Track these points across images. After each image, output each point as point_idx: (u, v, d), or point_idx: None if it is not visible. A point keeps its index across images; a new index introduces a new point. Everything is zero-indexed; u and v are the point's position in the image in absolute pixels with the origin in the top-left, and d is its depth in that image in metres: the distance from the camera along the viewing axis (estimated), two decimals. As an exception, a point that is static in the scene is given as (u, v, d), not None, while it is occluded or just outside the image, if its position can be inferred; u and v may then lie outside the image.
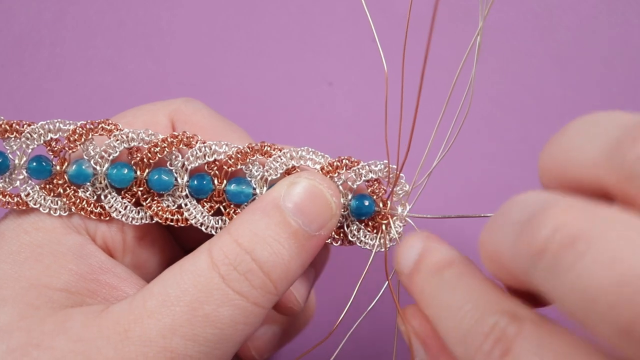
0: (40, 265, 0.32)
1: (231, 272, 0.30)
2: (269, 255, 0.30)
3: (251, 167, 0.34)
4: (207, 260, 0.30)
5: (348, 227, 0.34)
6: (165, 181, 0.34)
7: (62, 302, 0.31)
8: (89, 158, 0.33)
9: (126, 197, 0.34)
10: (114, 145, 0.33)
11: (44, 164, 0.33)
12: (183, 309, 0.29)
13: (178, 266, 0.31)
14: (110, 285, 0.33)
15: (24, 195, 0.33)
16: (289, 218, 0.31)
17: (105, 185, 0.34)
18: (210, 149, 0.34)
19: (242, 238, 0.31)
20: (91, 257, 0.33)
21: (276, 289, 0.31)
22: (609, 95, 0.58)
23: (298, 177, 0.32)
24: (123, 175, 0.33)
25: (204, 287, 0.30)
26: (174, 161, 0.34)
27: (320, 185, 0.32)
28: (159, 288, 0.30)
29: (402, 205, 0.35)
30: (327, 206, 0.32)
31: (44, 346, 0.29)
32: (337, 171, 0.34)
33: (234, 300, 0.30)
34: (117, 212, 0.34)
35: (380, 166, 0.34)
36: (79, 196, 0.33)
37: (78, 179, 0.33)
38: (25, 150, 0.33)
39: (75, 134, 0.33)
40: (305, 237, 0.31)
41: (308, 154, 0.34)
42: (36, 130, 0.33)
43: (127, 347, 0.29)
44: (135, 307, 0.30)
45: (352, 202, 0.34)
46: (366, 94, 0.59)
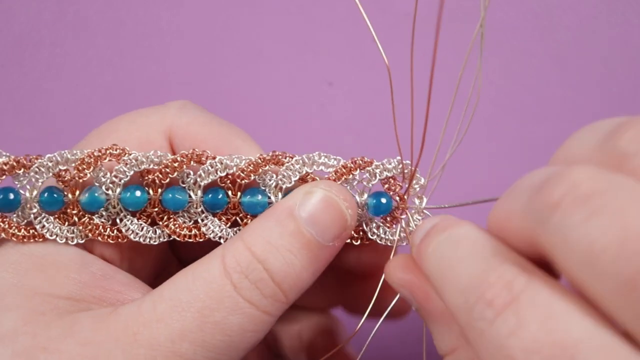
0: (42, 275, 0.32)
1: (243, 280, 0.30)
2: (281, 265, 0.30)
3: (264, 177, 0.34)
4: (219, 267, 0.30)
5: (367, 225, 0.34)
6: (180, 200, 0.33)
7: (68, 309, 0.31)
8: (100, 184, 0.33)
9: (142, 218, 0.34)
10: (124, 170, 0.33)
11: (56, 195, 0.33)
12: (194, 315, 0.29)
13: (190, 270, 0.31)
14: (114, 291, 0.33)
15: (39, 228, 0.32)
16: (303, 228, 0.31)
17: (120, 210, 0.33)
18: (222, 163, 0.33)
19: (255, 246, 0.30)
20: (92, 265, 0.33)
21: (286, 298, 0.31)
22: (609, 95, 0.58)
23: (314, 186, 0.32)
24: (136, 198, 0.33)
25: (216, 294, 0.30)
26: (185, 179, 0.34)
27: (336, 197, 0.32)
28: (170, 292, 0.30)
29: (418, 198, 0.35)
30: (342, 217, 0.32)
31: (51, 349, 0.28)
32: (352, 173, 0.34)
33: (244, 309, 0.30)
34: (134, 234, 0.33)
35: (394, 163, 0.34)
36: (94, 223, 0.33)
37: (92, 206, 0.33)
38: (35, 184, 0.33)
39: (83, 163, 0.33)
40: (318, 247, 0.31)
41: (320, 158, 0.34)
42: (44, 164, 0.32)
43: (136, 350, 0.29)
44: (144, 310, 0.30)
45: (369, 200, 0.34)
46: (366, 94, 0.59)
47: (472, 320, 0.23)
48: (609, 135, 0.24)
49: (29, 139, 0.58)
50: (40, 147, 0.58)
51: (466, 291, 0.24)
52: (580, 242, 0.21)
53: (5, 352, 0.28)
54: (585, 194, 0.21)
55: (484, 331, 0.23)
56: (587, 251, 0.21)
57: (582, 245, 0.21)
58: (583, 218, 0.21)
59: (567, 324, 0.21)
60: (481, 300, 0.23)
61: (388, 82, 0.31)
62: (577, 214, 0.21)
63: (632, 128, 0.23)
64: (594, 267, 0.21)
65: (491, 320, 0.22)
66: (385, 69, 0.31)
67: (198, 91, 0.59)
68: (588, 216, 0.21)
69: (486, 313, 0.23)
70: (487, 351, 0.23)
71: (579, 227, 0.21)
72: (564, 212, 0.21)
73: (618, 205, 0.21)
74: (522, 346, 0.21)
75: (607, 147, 0.24)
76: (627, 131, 0.23)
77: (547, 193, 0.22)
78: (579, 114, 0.57)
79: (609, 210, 0.21)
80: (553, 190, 0.22)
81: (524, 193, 0.24)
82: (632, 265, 0.20)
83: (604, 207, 0.21)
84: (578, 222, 0.21)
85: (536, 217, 0.23)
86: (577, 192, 0.21)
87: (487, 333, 0.22)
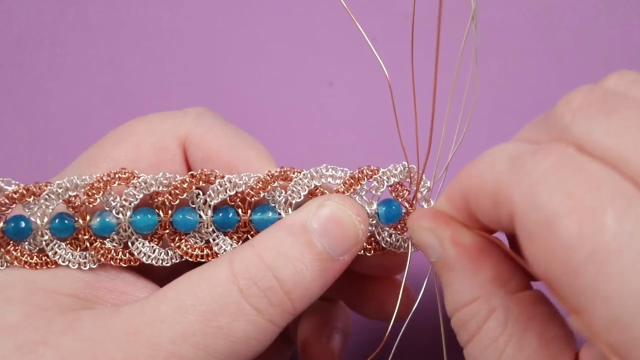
0: (47, 272, 0.32)
1: (251, 286, 0.30)
2: (292, 275, 0.30)
3: (274, 193, 0.34)
4: (227, 271, 0.30)
5: (379, 235, 0.34)
6: (190, 221, 0.33)
7: (71, 306, 0.31)
8: (110, 209, 0.33)
9: (153, 240, 0.34)
10: (133, 193, 0.33)
11: (67, 222, 0.33)
12: (197, 317, 0.29)
13: (197, 273, 0.31)
14: (119, 291, 0.33)
15: (51, 255, 0.32)
16: (315, 239, 0.31)
17: (131, 233, 0.33)
18: (230, 182, 0.33)
19: (265, 254, 0.30)
20: (98, 266, 0.33)
21: (294, 308, 0.31)
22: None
23: (327, 199, 0.32)
24: (147, 220, 0.33)
25: (221, 298, 0.30)
26: (195, 199, 0.34)
27: (348, 210, 0.32)
28: (174, 293, 0.30)
29: (426, 201, 0.35)
30: (353, 232, 0.32)
31: (51, 344, 0.28)
32: (360, 183, 0.34)
33: (250, 316, 0.30)
34: (146, 257, 0.33)
35: (400, 168, 0.34)
36: (106, 247, 0.33)
37: (103, 231, 0.33)
38: (46, 211, 0.32)
39: (93, 188, 0.33)
40: (329, 260, 0.31)
41: (327, 171, 0.34)
42: (54, 191, 0.32)
43: (135, 349, 0.28)
44: (147, 309, 0.30)
45: (379, 209, 0.34)
46: (366, 94, 0.59)
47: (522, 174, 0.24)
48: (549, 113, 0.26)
49: (29, 139, 0.58)
50: (40, 147, 0.59)
51: (515, 157, 0.25)
52: (608, 135, 0.23)
53: (7, 344, 0.28)
54: (600, 97, 0.24)
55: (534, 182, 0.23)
56: (616, 142, 0.23)
57: (611, 137, 0.23)
58: (606, 115, 0.23)
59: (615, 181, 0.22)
60: (533, 156, 0.24)
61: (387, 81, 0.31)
62: (599, 112, 0.24)
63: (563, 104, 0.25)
64: (624, 154, 0.22)
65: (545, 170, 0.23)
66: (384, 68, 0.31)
67: (198, 91, 0.59)
68: (610, 112, 0.23)
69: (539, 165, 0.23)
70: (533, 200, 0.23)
71: (604, 122, 0.23)
72: (585, 114, 0.24)
73: (631, 100, 0.24)
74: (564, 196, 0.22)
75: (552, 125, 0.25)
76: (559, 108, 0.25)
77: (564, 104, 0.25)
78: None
79: (626, 104, 0.23)
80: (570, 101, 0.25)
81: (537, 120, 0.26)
82: None
83: (620, 103, 0.23)
84: (602, 119, 0.24)
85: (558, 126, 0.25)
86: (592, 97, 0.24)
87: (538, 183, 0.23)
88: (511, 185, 0.24)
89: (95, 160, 0.34)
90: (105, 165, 0.34)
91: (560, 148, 0.23)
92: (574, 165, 0.23)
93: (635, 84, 0.25)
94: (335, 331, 0.41)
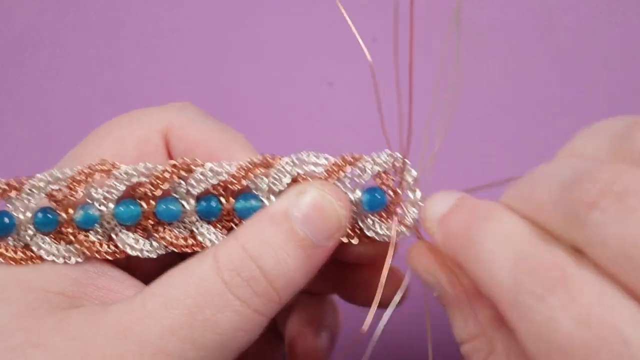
0: (36, 271, 0.32)
1: (234, 277, 0.30)
2: (275, 264, 0.30)
3: (256, 181, 0.34)
4: (212, 264, 0.30)
5: (363, 222, 0.34)
6: (173, 211, 0.33)
7: (60, 304, 0.31)
8: (93, 201, 0.33)
9: (137, 231, 0.34)
10: (115, 184, 0.33)
11: (50, 216, 0.33)
12: (183, 311, 0.29)
13: (182, 268, 0.31)
14: (107, 289, 0.33)
15: (36, 250, 0.32)
16: (297, 227, 0.31)
17: (115, 225, 0.33)
18: (212, 170, 0.33)
19: (248, 244, 0.30)
20: (86, 262, 0.33)
21: (279, 297, 0.31)
22: (609, 95, 0.58)
23: (308, 186, 0.32)
24: (130, 211, 0.33)
25: (206, 291, 0.30)
26: (177, 188, 0.34)
27: (329, 196, 0.32)
28: (161, 289, 0.30)
29: (412, 190, 0.35)
30: (335, 217, 0.32)
31: (42, 345, 0.28)
32: (342, 170, 0.34)
33: (235, 307, 0.30)
34: (130, 248, 0.33)
35: (384, 156, 0.34)
36: (90, 240, 0.33)
37: (87, 224, 0.33)
38: (29, 205, 0.32)
39: (74, 181, 0.33)
40: (312, 247, 0.31)
41: (309, 157, 0.34)
42: (35, 185, 0.32)
43: (126, 345, 0.29)
44: (135, 307, 0.30)
45: (363, 196, 0.34)
46: (366, 94, 0.59)
47: (519, 297, 0.23)
48: (623, 133, 0.25)
49: (29, 139, 0.58)
50: (40, 147, 0.59)
51: (515, 269, 0.24)
52: (617, 240, 0.22)
53: None
54: (619, 192, 0.22)
55: (532, 307, 0.23)
56: (625, 247, 0.22)
57: (619, 243, 0.22)
58: (619, 217, 0.22)
59: (618, 303, 0.22)
60: (532, 276, 0.23)
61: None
62: (613, 213, 0.22)
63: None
64: (629, 263, 0.22)
65: (541, 296, 0.23)
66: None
67: (198, 91, 0.59)
68: (624, 214, 0.22)
69: (537, 289, 0.23)
70: (533, 327, 0.23)
71: (615, 225, 0.22)
72: (600, 212, 0.22)
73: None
74: (572, 319, 0.22)
75: (623, 145, 0.24)
76: None
77: (581, 191, 0.23)
78: (579, 113, 0.57)
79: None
80: (588, 189, 0.23)
81: (553, 187, 0.25)
82: None
83: (638, 204, 0.22)
84: (614, 221, 0.22)
85: (571, 215, 0.23)
86: (612, 191, 0.22)
87: (535, 308, 0.23)
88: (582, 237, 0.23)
89: (79, 157, 0.34)
90: (89, 162, 0.34)
91: (559, 265, 0.23)
92: (570, 291, 0.23)
93: None
94: (322, 329, 0.41)
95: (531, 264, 0.24)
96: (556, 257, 0.24)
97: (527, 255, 0.24)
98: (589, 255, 0.23)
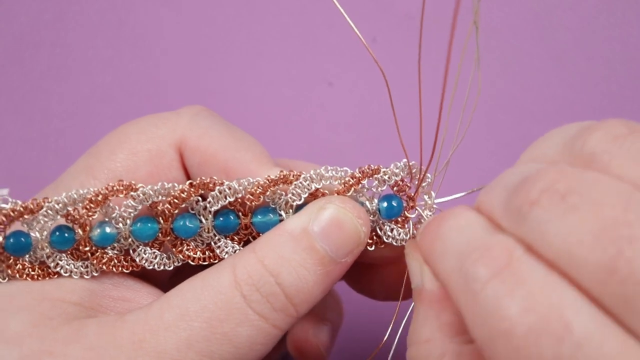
0: (52, 282, 0.32)
1: (253, 292, 0.30)
2: (294, 280, 0.30)
3: (274, 196, 0.34)
4: (230, 277, 0.30)
5: (381, 230, 0.34)
6: (191, 228, 0.33)
7: (76, 315, 0.31)
8: (110, 219, 0.33)
9: (154, 246, 0.34)
10: (132, 205, 0.33)
11: (67, 235, 0.33)
12: (201, 325, 0.29)
13: (199, 279, 0.31)
14: (123, 299, 0.33)
15: (53, 267, 0.32)
16: (317, 244, 0.31)
17: (132, 241, 0.33)
18: (230, 189, 0.33)
19: (267, 259, 0.30)
20: (101, 274, 0.33)
21: (297, 312, 0.31)
22: (609, 95, 0.58)
23: (328, 202, 0.32)
24: (148, 229, 0.33)
25: (225, 305, 0.30)
26: (195, 205, 0.34)
27: (349, 213, 0.32)
28: (178, 301, 0.30)
29: (427, 194, 0.35)
30: (355, 234, 0.32)
31: (57, 354, 0.28)
32: (360, 182, 0.34)
33: (254, 322, 0.30)
34: (148, 263, 0.33)
35: (401, 166, 0.34)
36: (108, 256, 0.33)
37: (104, 242, 0.33)
38: (44, 225, 0.32)
39: (92, 202, 0.32)
40: (331, 263, 0.31)
41: (327, 172, 0.34)
42: (52, 207, 0.32)
43: (141, 357, 0.28)
44: (151, 317, 0.30)
45: (380, 205, 0.34)
46: (366, 94, 0.59)
47: (467, 282, 0.24)
48: (576, 136, 0.26)
49: (29, 139, 0.58)
50: (40, 147, 0.59)
51: (464, 254, 0.25)
52: (559, 236, 0.22)
53: (12, 355, 0.28)
54: (561, 191, 0.23)
55: (478, 293, 0.23)
56: (566, 244, 0.22)
57: (561, 239, 0.22)
58: (560, 214, 0.23)
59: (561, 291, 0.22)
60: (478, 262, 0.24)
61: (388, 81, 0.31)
62: (554, 210, 0.23)
63: (598, 130, 0.25)
64: (573, 258, 0.22)
65: (487, 281, 0.23)
66: (385, 69, 0.31)
67: (198, 91, 0.59)
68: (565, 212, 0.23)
69: (483, 273, 0.23)
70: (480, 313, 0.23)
71: (556, 222, 0.23)
72: (541, 209, 0.23)
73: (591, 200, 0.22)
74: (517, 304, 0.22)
75: (575, 147, 0.26)
76: (594, 132, 0.25)
77: (524, 191, 0.24)
78: (579, 113, 0.57)
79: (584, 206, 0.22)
80: (530, 189, 0.24)
81: (502, 190, 0.26)
82: (608, 253, 0.21)
83: (579, 202, 0.23)
84: (555, 217, 0.23)
85: (515, 214, 0.24)
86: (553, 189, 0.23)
87: (482, 293, 0.23)
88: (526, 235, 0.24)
89: (92, 171, 0.34)
90: (102, 177, 0.34)
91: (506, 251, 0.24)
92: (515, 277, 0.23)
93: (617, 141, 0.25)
94: (324, 323, 0.41)
95: (480, 250, 0.24)
96: (503, 243, 0.24)
97: (477, 242, 0.25)
98: (534, 250, 0.23)
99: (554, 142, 0.27)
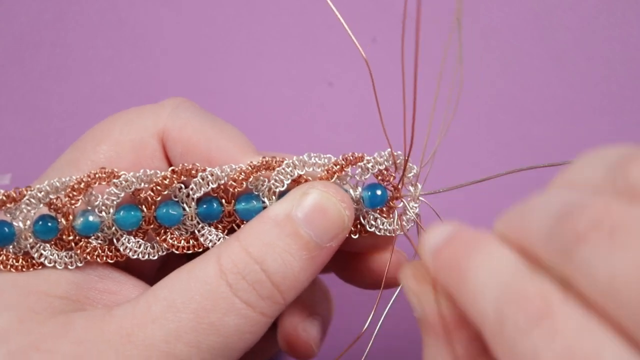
0: (38, 275, 0.32)
1: (239, 281, 0.30)
2: (279, 267, 0.30)
3: (257, 182, 0.34)
4: (215, 267, 0.30)
5: (364, 218, 0.34)
6: (174, 215, 0.33)
7: (62, 308, 0.31)
8: (92, 208, 0.33)
9: (138, 235, 0.34)
10: (115, 192, 0.33)
11: (50, 224, 0.32)
12: (189, 316, 0.29)
13: (185, 271, 0.31)
14: (109, 291, 0.33)
15: (36, 257, 0.32)
16: (301, 229, 0.31)
17: (115, 230, 0.33)
18: (212, 175, 0.33)
19: (252, 247, 0.30)
20: (87, 266, 0.33)
21: (284, 299, 0.31)
22: (609, 95, 0.58)
23: (311, 187, 0.32)
24: (131, 217, 0.33)
25: (211, 295, 0.30)
26: (178, 192, 0.34)
27: (333, 197, 0.32)
28: (165, 293, 0.30)
29: (413, 185, 0.35)
30: (339, 218, 0.32)
31: (44, 349, 0.28)
32: (344, 170, 0.34)
33: (241, 310, 0.30)
34: (132, 252, 0.33)
35: (385, 156, 0.34)
36: (92, 246, 0.33)
37: (88, 230, 0.33)
38: (27, 215, 0.32)
39: (74, 190, 0.32)
40: (316, 248, 0.31)
41: (310, 159, 0.34)
42: (34, 195, 0.32)
43: (129, 351, 0.28)
44: (139, 310, 0.30)
45: (363, 193, 0.34)
46: (366, 94, 0.59)
47: (503, 329, 0.23)
48: (619, 165, 0.24)
49: (29, 139, 0.58)
50: (40, 147, 0.59)
51: (499, 300, 0.24)
52: (605, 275, 0.21)
53: None
54: (610, 228, 0.22)
55: (515, 339, 0.22)
56: (612, 284, 0.21)
57: (608, 277, 0.21)
58: (609, 252, 0.21)
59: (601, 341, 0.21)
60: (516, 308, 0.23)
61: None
62: (603, 247, 0.22)
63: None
64: (616, 299, 0.21)
65: (524, 328, 0.22)
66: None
67: (197, 91, 0.59)
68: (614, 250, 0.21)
69: (520, 321, 0.22)
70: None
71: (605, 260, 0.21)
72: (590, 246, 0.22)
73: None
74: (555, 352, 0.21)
75: (618, 177, 0.24)
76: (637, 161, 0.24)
77: (572, 224, 0.23)
78: (579, 113, 0.57)
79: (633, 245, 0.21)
80: (579, 222, 0.22)
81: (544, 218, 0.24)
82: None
83: (628, 241, 0.21)
84: (604, 255, 0.22)
85: (560, 250, 0.23)
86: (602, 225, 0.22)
87: (518, 341, 0.22)
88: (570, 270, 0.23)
89: (77, 163, 0.34)
90: (86, 168, 0.34)
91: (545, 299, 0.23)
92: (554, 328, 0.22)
93: None
94: (314, 317, 0.41)
95: (516, 295, 0.23)
96: (541, 289, 0.23)
97: (512, 286, 0.24)
98: (576, 288, 0.23)
99: (594, 167, 0.26)
